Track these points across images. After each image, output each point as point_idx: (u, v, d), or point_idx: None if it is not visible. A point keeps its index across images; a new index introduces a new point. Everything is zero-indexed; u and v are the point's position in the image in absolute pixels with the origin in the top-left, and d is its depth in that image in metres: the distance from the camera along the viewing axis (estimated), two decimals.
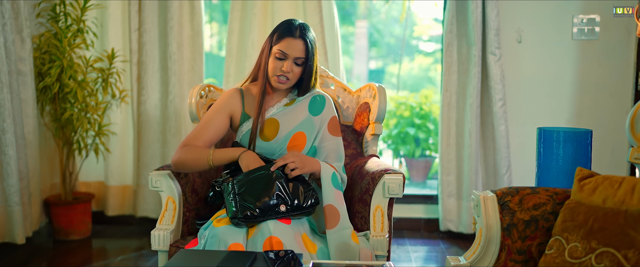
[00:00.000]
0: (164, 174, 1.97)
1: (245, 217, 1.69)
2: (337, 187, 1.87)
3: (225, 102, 2.00)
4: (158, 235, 1.90)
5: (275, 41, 1.91)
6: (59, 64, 3.19)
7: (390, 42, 6.46)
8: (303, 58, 1.90)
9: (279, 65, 1.90)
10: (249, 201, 1.71)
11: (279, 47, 1.89)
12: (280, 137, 1.95)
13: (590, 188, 1.48)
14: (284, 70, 1.89)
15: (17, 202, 2.98)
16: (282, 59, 1.89)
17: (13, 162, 2.94)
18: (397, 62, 6.18)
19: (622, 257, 1.28)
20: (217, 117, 1.97)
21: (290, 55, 1.88)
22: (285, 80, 1.92)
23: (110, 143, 3.61)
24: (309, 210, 1.81)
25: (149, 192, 3.61)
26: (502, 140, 3.32)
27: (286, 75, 1.90)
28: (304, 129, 1.97)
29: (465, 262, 1.60)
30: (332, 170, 1.91)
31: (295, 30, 1.89)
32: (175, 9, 3.43)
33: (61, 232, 3.44)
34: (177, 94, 3.50)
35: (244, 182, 1.76)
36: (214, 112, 1.99)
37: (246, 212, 1.69)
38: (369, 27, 6.31)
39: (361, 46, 6.50)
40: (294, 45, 1.88)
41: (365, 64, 6.53)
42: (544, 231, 1.54)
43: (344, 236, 1.77)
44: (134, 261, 3.11)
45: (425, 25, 5.93)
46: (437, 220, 3.63)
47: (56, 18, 3.30)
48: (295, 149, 1.96)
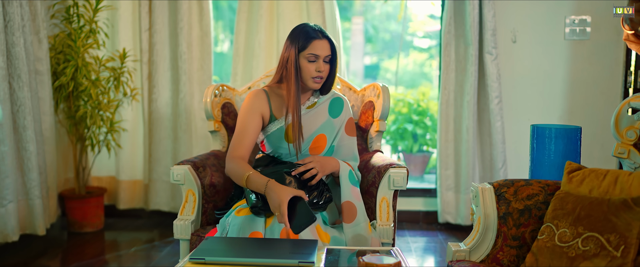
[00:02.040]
0: (185, 168, 2.12)
1: (266, 206, 1.84)
2: (354, 184, 2.02)
3: (254, 103, 2.06)
4: (180, 225, 2.05)
5: (301, 47, 1.99)
6: (73, 64, 3.33)
7: (385, 38, 6.57)
8: (330, 55, 2.03)
9: (313, 67, 2.00)
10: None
11: (309, 51, 1.98)
12: (303, 140, 2.06)
13: (578, 180, 1.64)
14: (320, 70, 2.00)
15: (37, 196, 3.13)
16: (314, 61, 2.00)
17: (33, 157, 3.09)
18: (392, 58, 6.30)
19: (605, 240, 1.44)
20: (252, 121, 2.04)
21: (320, 55, 2.00)
22: (320, 80, 2.03)
23: (121, 139, 3.75)
24: (323, 206, 1.97)
25: (160, 186, 3.75)
26: (498, 135, 3.48)
27: (321, 74, 2.02)
28: (325, 131, 2.10)
29: (465, 247, 1.76)
30: (349, 168, 2.05)
31: (317, 32, 2.01)
32: (185, 10, 3.57)
33: (75, 224, 3.58)
34: (188, 92, 3.64)
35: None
36: (247, 115, 2.05)
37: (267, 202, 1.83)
38: (364, 23, 6.41)
39: (357, 43, 6.61)
40: (322, 46, 1.99)
41: (360, 60, 6.65)
42: (536, 219, 1.70)
43: (360, 229, 1.91)
44: (146, 251, 3.25)
45: (420, 22, 6.02)
46: (435, 212, 3.79)
47: (69, 19, 3.43)
48: (316, 150, 2.08)
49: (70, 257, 3.18)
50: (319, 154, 2.09)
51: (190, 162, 2.17)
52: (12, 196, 3.01)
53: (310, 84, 2.03)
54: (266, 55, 3.60)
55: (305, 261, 1.49)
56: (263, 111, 2.07)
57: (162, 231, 3.64)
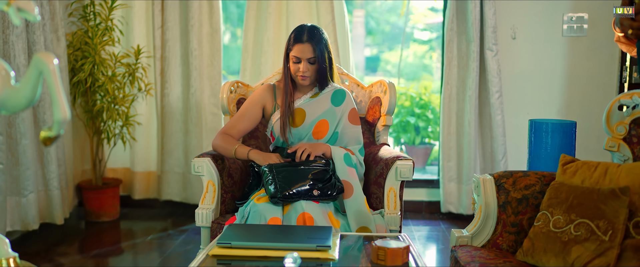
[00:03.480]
0: (205, 160, 2.26)
1: (284, 197, 2.02)
2: (350, 164, 2.21)
3: (259, 96, 2.38)
4: (201, 213, 2.20)
5: (289, 48, 2.27)
6: (91, 60, 3.47)
7: (386, 30, 6.67)
8: (314, 57, 2.24)
9: (296, 67, 2.26)
10: (286, 184, 2.04)
11: (293, 53, 2.25)
12: (306, 124, 2.30)
13: (571, 171, 1.78)
14: (302, 70, 2.25)
15: (56, 187, 3.28)
16: (297, 62, 2.25)
17: (52, 150, 3.24)
18: (392, 50, 6.40)
19: (595, 226, 1.59)
20: (251, 110, 2.36)
21: (302, 57, 2.24)
22: (305, 78, 2.27)
23: (135, 132, 3.89)
24: (335, 197, 2.14)
25: (172, 178, 3.90)
26: (498, 129, 3.62)
27: (304, 74, 2.26)
28: (327, 117, 2.32)
29: (468, 233, 1.91)
30: (344, 151, 2.25)
31: (303, 35, 2.24)
32: (196, 8, 3.70)
33: (93, 214, 3.73)
34: (198, 87, 3.78)
35: (281, 171, 2.09)
36: (249, 104, 2.37)
37: (285, 193, 2.02)
38: (365, 16, 6.51)
39: (358, 35, 6.73)
40: (304, 49, 2.23)
41: (361, 53, 6.77)
42: (533, 207, 1.85)
43: (359, 203, 2.11)
44: (161, 240, 3.41)
45: (421, 14, 6.12)
46: (438, 202, 3.94)
47: (86, 17, 3.56)
48: (319, 134, 2.31)
49: (89, 245, 3.33)
50: (321, 138, 2.32)
51: (210, 155, 2.31)
52: (33, 186, 3.16)
53: (298, 81, 2.29)
54: (274, 51, 3.74)
55: (322, 244, 1.64)
56: (265, 102, 2.37)
57: (175, 220, 3.80)
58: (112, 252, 3.21)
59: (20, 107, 1.11)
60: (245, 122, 2.35)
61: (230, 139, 2.30)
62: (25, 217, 3.15)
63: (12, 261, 1.28)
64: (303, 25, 2.29)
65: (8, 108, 1.11)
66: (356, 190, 2.14)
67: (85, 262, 3.02)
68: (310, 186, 2.07)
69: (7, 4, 1.07)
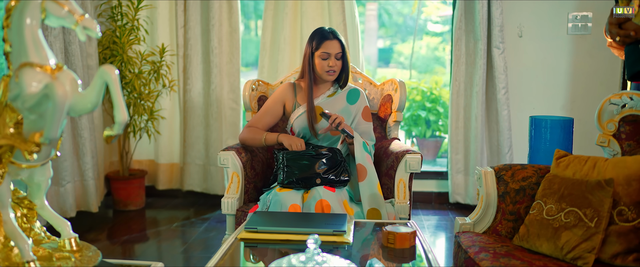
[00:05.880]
0: (230, 153, 2.47)
1: (291, 182, 2.28)
2: (366, 151, 2.40)
3: (281, 93, 2.59)
4: (227, 202, 2.41)
5: (315, 47, 2.47)
6: (119, 59, 3.69)
7: (398, 22, 6.79)
8: (341, 52, 2.46)
9: (325, 63, 2.46)
10: (293, 170, 2.29)
11: (322, 49, 2.46)
12: (324, 121, 2.49)
13: (564, 165, 1.97)
14: (331, 65, 2.46)
15: (91, 177, 3.53)
16: (326, 58, 2.45)
17: (87, 143, 3.48)
18: (405, 42, 6.51)
19: (583, 214, 1.78)
20: (273, 107, 2.58)
21: (331, 53, 2.45)
22: (333, 73, 2.49)
23: (160, 126, 4.12)
24: (344, 182, 2.35)
25: (193, 169, 4.13)
26: (504, 123, 3.79)
27: (333, 68, 2.47)
28: (343, 115, 2.51)
29: (470, 221, 2.10)
30: (363, 140, 2.44)
31: (329, 34, 2.47)
32: (216, 8, 3.90)
33: (120, 203, 3.97)
34: (218, 84, 3.98)
35: (290, 157, 2.32)
36: (272, 102, 2.58)
37: (291, 179, 2.28)
38: (378, 9, 6.63)
39: (371, 28, 6.87)
40: (333, 45, 2.45)
41: (374, 45, 6.91)
42: (529, 197, 2.03)
43: (373, 186, 2.30)
44: (184, 228, 3.63)
45: (434, 6, 6.24)
46: (446, 193, 4.12)
47: (114, 17, 3.78)
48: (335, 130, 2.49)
49: (118, 232, 3.57)
50: (337, 134, 2.52)
51: (234, 149, 2.52)
52: (70, 177, 3.40)
53: (326, 77, 2.48)
54: (291, 49, 3.93)
55: (339, 229, 1.84)
56: (286, 100, 2.57)
57: (196, 210, 4.02)
58: (139, 238, 3.44)
59: (85, 111, 1.31)
60: (268, 117, 2.57)
61: (257, 130, 2.53)
62: (63, 205, 3.39)
63: (73, 240, 1.49)
64: (321, 28, 2.51)
65: (76, 111, 1.31)
66: (370, 173, 2.33)
67: (115, 248, 3.26)
68: (314, 176, 2.29)
69: (75, 24, 1.27)
